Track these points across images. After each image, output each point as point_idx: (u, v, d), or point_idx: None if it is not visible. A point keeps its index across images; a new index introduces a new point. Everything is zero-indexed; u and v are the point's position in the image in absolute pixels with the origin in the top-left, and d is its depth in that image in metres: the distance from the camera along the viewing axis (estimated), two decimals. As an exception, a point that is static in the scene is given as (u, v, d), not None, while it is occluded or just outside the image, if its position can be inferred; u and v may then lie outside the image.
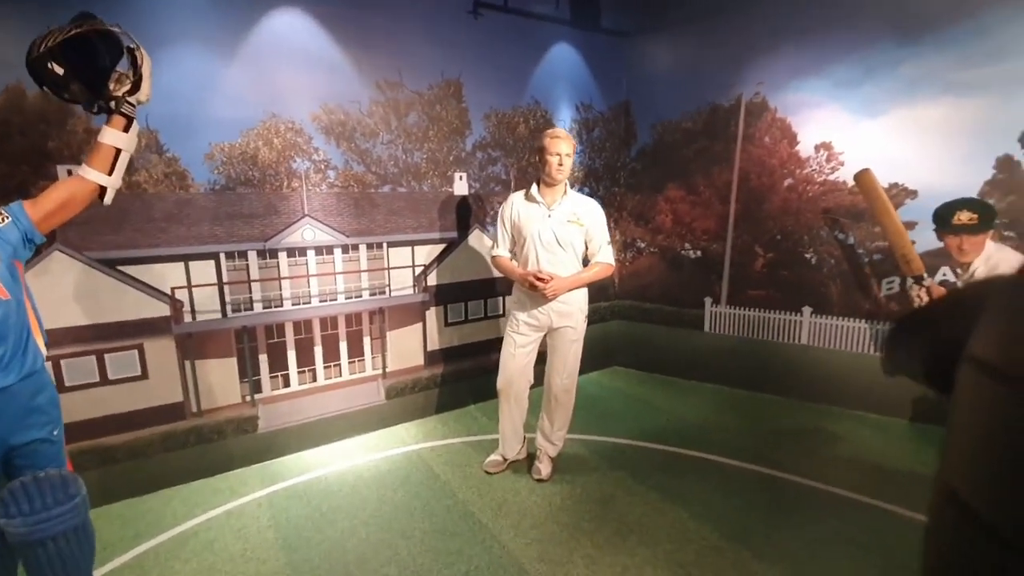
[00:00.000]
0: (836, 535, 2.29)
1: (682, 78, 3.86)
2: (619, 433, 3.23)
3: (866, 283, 3.45)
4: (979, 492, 0.32)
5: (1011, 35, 2.87)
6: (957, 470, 0.36)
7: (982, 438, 0.33)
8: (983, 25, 2.93)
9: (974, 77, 3.00)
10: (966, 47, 2.99)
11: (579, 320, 2.56)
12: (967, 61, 3.00)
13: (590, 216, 2.49)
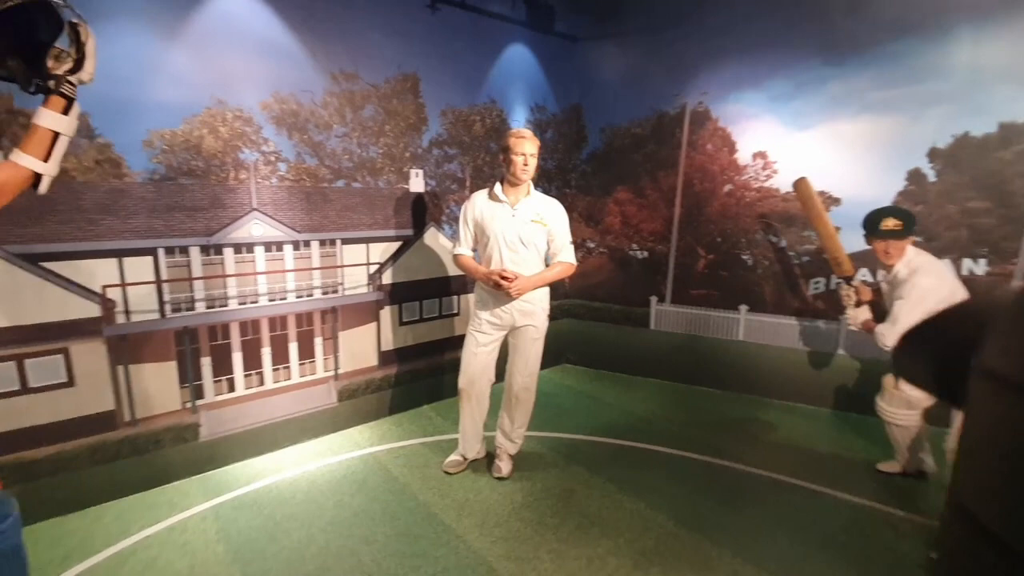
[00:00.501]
0: (775, 516, 2.47)
1: (631, 85, 4.00)
2: (573, 429, 3.31)
3: (796, 283, 3.74)
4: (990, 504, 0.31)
5: (920, 62, 3.21)
6: (968, 483, 0.33)
7: (993, 449, 0.31)
8: (897, 51, 3.25)
9: (889, 97, 3.32)
10: (883, 70, 3.30)
11: (542, 319, 2.60)
12: (884, 83, 3.32)
13: (553, 216, 2.53)
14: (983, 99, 3.11)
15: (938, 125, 3.23)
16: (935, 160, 3.28)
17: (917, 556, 2.20)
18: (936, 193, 3.30)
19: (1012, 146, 3.10)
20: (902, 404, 2.60)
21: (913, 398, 2.57)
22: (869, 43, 3.30)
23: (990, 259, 3.22)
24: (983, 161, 3.17)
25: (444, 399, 3.65)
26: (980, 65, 3.09)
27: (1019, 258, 3.15)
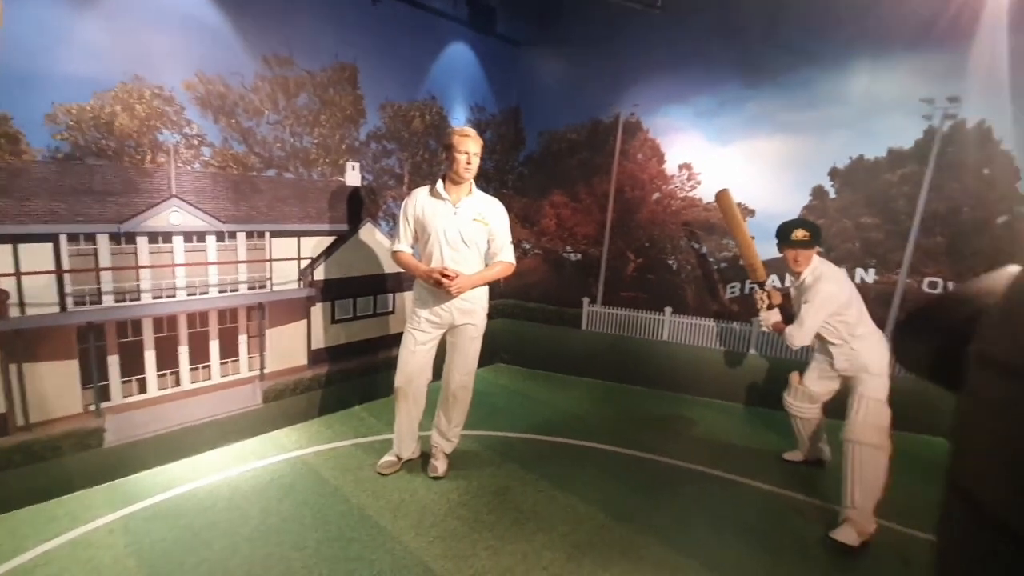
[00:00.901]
0: (696, 505, 2.64)
1: (568, 92, 4.11)
2: (507, 427, 3.35)
3: (715, 287, 4.01)
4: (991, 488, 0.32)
5: (824, 90, 3.56)
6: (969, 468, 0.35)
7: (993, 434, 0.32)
8: (805, 79, 3.58)
9: (799, 120, 3.66)
10: (793, 95, 3.63)
11: (481, 318, 2.62)
12: (794, 106, 3.65)
13: (495, 216, 2.55)
14: (875, 126, 3.50)
15: (838, 147, 3.60)
16: (835, 179, 3.64)
17: (817, 536, 2.43)
18: (835, 208, 3.67)
19: (898, 169, 3.52)
20: (805, 399, 2.87)
21: (814, 393, 2.84)
22: (782, 70, 3.61)
23: (878, 269, 3.63)
24: (874, 181, 3.57)
25: (377, 399, 3.57)
26: (874, 96, 3.47)
27: (902, 268, 3.58)
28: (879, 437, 2.37)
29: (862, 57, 3.44)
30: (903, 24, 3.31)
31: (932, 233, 3.50)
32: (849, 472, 2.38)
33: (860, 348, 2.53)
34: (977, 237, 3.42)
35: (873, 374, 2.48)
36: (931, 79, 3.33)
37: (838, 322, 2.55)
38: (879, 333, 2.57)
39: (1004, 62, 3.17)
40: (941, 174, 3.42)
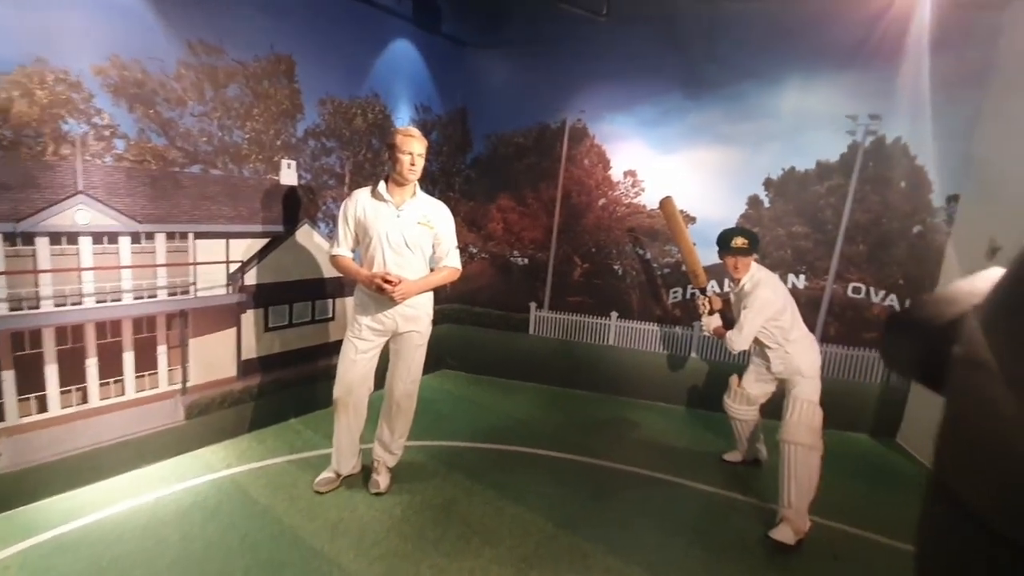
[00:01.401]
0: (641, 508, 2.66)
1: (515, 96, 4.08)
2: (453, 436, 3.27)
3: (658, 292, 4.10)
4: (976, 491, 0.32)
5: (758, 102, 3.71)
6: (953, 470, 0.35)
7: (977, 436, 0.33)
8: (742, 92, 3.73)
9: (735, 131, 3.79)
10: (731, 107, 3.76)
11: (426, 324, 2.52)
12: (732, 118, 3.78)
13: (440, 219, 2.47)
14: (805, 140, 3.69)
15: (772, 159, 3.77)
16: (769, 189, 3.81)
17: (757, 534, 2.50)
18: (769, 217, 3.83)
19: (826, 181, 3.72)
20: (744, 401, 2.96)
21: (752, 396, 2.94)
22: (720, 82, 3.74)
23: (808, 275, 3.83)
24: (804, 192, 3.76)
25: (315, 410, 3.38)
26: (804, 111, 3.66)
27: (829, 275, 3.78)
28: (812, 438, 2.47)
29: (793, 74, 3.62)
30: (831, 45, 3.51)
31: (855, 242, 3.72)
32: (785, 472, 2.47)
33: (794, 352, 2.63)
34: (895, 246, 3.67)
35: (806, 376, 2.59)
36: (855, 97, 3.54)
37: (774, 327, 2.65)
38: (811, 337, 2.69)
39: (923, 83, 3.42)
40: (863, 187, 3.65)
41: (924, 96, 3.43)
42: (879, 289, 3.73)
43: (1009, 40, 3.21)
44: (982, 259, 3.17)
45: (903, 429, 3.76)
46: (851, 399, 3.80)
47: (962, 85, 3.36)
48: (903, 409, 3.76)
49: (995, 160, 3.22)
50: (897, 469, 3.39)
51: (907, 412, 3.74)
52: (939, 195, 3.54)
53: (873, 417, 3.84)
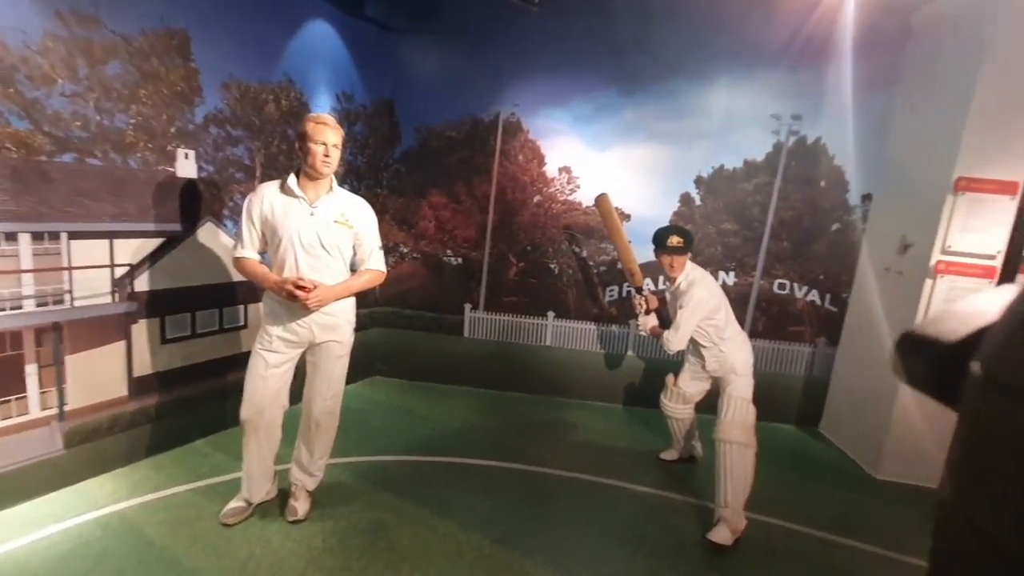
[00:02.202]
0: (580, 515, 2.57)
1: (447, 87, 3.88)
2: (383, 450, 3.05)
3: (594, 291, 4.05)
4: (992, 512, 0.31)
5: (689, 101, 3.73)
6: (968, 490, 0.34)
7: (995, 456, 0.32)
8: (673, 90, 3.73)
9: (667, 129, 3.80)
10: (663, 105, 3.76)
11: (347, 333, 2.29)
12: (664, 116, 3.78)
13: (361, 218, 2.24)
14: (733, 138, 3.75)
15: (702, 157, 3.80)
16: (700, 187, 3.85)
17: (695, 536, 2.48)
18: (700, 215, 3.87)
19: (752, 179, 3.80)
20: (680, 400, 2.95)
21: (688, 394, 2.93)
22: (652, 80, 3.72)
23: (737, 272, 3.90)
24: (732, 190, 3.82)
25: (226, 429, 3.05)
26: (732, 110, 3.71)
27: (757, 271, 3.88)
28: (746, 435, 2.47)
29: (721, 73, 3.66)
30: (757, 46, 3.57)
31: (780, 239, 3.84)
32: (721, 471, 2.46)
33: (728, 350, 2.63)
34: (816, 242, 3.81)
35: (740, 374, 2.60)
36: (780, 97, 3.63)
37: (708, 326, 2.63)
38: (744, 335, 2.70)
39: (841, 86, 3.55)
40: (787, 185, 3.76)
41: (842, 98, 3.57)
42: (802, 284, 3.86)
43: (915, 46, 3.40)
44: (895, 255, 3.34)
45: (825, 418, 3.92)
46: (778, 391, 3.93)
47: (875, 88, 3.52)
48: (824, 399, 3.92)
49: (904, 160, 3.40)
50: (822, 458, 3.52)
51: (828, 402, 3.91)
52: (855, 194, 3.70)
53: (798, 408, 3.99)
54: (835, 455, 3.56)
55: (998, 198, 2.90)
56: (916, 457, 3.19)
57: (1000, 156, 2.87)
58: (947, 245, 2.99)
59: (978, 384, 0.33)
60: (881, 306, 3.44)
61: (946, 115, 3.01)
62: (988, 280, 2.99)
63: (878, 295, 3.49)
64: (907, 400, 3.15)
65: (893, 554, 2.48)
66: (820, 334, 3.89)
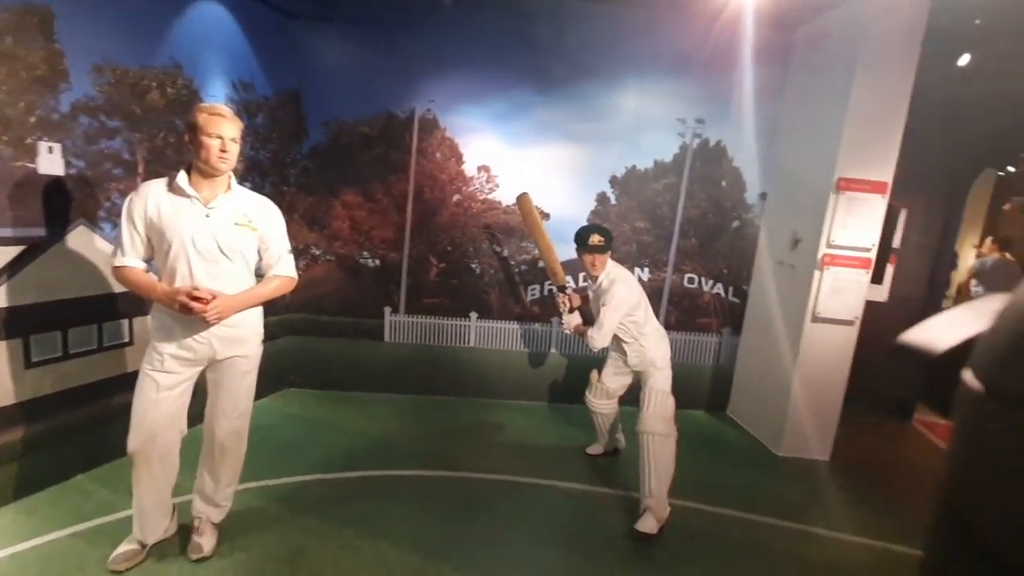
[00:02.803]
0: (512, 519, 2.55)
1: (358, 80, 3.69)
2: (300, 469, 2.84)
3: (516, 290, 4.04)
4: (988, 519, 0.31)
5: (602, 103, 3.83)
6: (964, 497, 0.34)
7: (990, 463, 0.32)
8: (586, 91, 3.81)
9: (582, 130, 3.87)
10: (577, 105, 3.82)
11: (254, 346, 2.08)
12: (578, 116, 3.85)
13: (266, 219, 2.04)
14: (643, 140, 3.90)
15: (616, 157, 3.92)
16: (615, 186, 3.96)
17: (624, 528, 2.54)
18: (615, 214, 3.99)
19: (662, 179, 3.98)
20: (604, 395, 3.01)
21: (611, 389, 3.00)
22: (566, 81, 3.77)
23: (650, 268, 4.07)
24: (644, 190, 3.98)
25: (110, 461, 2.69)
26: (641, 113, 3.86)
27: (668, 267, 4.07)
28: (667, 426, 2.57)
29: (631, 77, 3.79)
30: (663, 51, 3.73)
31: (688, 236, 4.05)
32: (645, 463, 2.54)
33: (648, 345, 2.72)
34: (719, 239, 4.06)
35: (659, 368, 2.70)
36: (684, 101, 3.83)
37: (629, 322, 2.71)
38: (662, 329, 2.81)
39: (737, 91, 3.81)
40: (693, 185, 3.97)
41: (739, 104, 3.83)
42: (708, 279, 4.11)
43: (798, 59, 3.72)
44: (787, 250, 3.64)
45: (731, 403, 4.21)
46: (689, 380, 4.15)
47: (768, 95, 3.81)
48: (730, 385, 4.20)
49: (793, 162, 3.71)
50: (730, 440, 3.77)
51: (733, 388, 4.19)
52: (752, 193, 3.99)
53: (707, 395, 4.24)
54: (742, 437, 3.83)
55: (872, 196, 3.25)
56: (809, 435, 3.51)
57: (873, 159, 3.22)
58: (831, 240, 3.30)
59: (978, 397, 0.32)
60: (777, 297, 3.74)
61: (827, 121, 3.31)
62: (865, 270, 3.34)
63: (774, 287, 3.79)
64: (799, 383, 3.44)
65: (796, 525, 2.70)
66: (725, 325, 4.16)
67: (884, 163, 3.24)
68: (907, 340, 0.43)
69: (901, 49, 3.11)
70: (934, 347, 0.40)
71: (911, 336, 0.43)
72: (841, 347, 3.42)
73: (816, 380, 3.46)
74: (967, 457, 0.34)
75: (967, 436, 0.34)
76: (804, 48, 3.66)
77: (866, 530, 2.70)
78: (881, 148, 3.22)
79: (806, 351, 3.43)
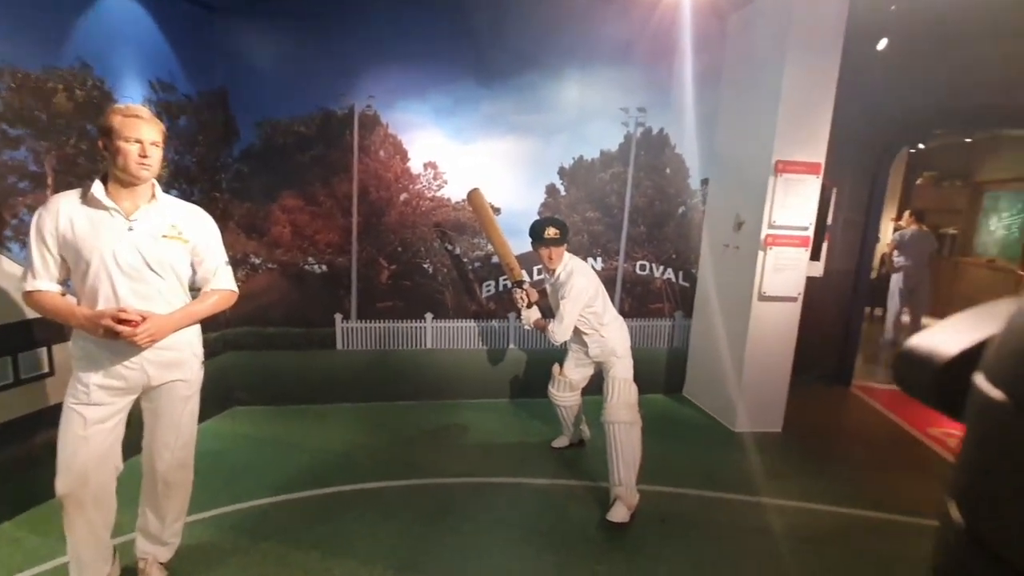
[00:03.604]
0: (484, 522, 2.51)
1: (290, 77, 3.49)
2: (256, 492, 2.67)
3: (471, 287, 3.98)
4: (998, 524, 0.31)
5: (545, 94, 3.80)
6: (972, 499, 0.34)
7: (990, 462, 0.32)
8: (530, 83, 3.77)
9: (528, 121, 3.84)
10: (521, 97, 3.78)
11: (193, 369, 1.92)
12: (523, 108, 3.80)
13: (198, 229, 1.88)
14: (589, 131, 3.91)
15: (563, 149, 3.91)
16: (563, 177, 3.96)
17: (596, 519, 2.55)
18: (565, 205, 3.99)
19: (609, 169, 4.00)
20: (567, 388, 3.01)
21: (574, 381, 2.99)
22: (509, 72, 3.72)
23: (603, 257, 4.10)
24: (592, 180, 3.99)
25: (41, 504, 2.43)
26: (585, 103, 3.86)
27: (620, 255, 4.11)
28: (631, 414, 2.59)
29: (574, 67, 3.78)
30: (603, 40, 3.74)
31: (637, 224, 4.11)
32: (612, 452, 2.55)
33: (608, 335, 2.73)
34: (666, 225, 4.14)
35: (620, 357, 2.71)
36: (627, 91, 3.86)
37: (589, 313, 2.71)
38: (620, 319, 2.83)
39: (678, 80, 3.88)
40: (639, 173, 4.03)
41: (679, 92, 3.90)
42: (659, 265, 4.19)
43: (732, 46, 3.82)
44: (731, 232, 3.75)
45: (687, 384, 4.32)
46: (646, 364, 4.19)
47: (706, 83, 3.90)
48: (685, 367, 4.32)
49: (733, 147, 3.83)
50: (689, 420, 3.87)
51: (688, 369, 4.31)
52: (695, 179, 4.09)
53: (664, 377, 4.34)
54: (699, 416, 3.94)
55: (807, 177, 3.39)
56: (762, 409, 3.65)
57: (807, 141, 3.36)
58: (772, 221, 3.43)
59: (1000, 407, 0.31)
60: (724, 278, 3.86)
61: (763, 106, 3.43)
62: (804, 248, 3.49)
63: (721, 269, 3.91)
64: (749, 360, 3.57)
65: (758, 498, 2.80)
66: (677, 308, 4.26)
67: (817, 145, 3.39)
68: (914, 346, 0.43)
69: (827, 33, 3.25)
70: (942, 352, 0.40)
71: (918, 342, 0.43)
72: (787, 323, 3.57)
73: (765, 356, 3.59)
74: (986, 467, 0.33)
75: (987, 446, 0.33)
76: (737, 35, 3.77)
77: (822, 496, 2.83)
78: (813, 130, 3.36)
79: (754, 329, 3.55)
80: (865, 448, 3.52)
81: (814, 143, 3.38)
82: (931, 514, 2.68)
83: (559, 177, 3.94)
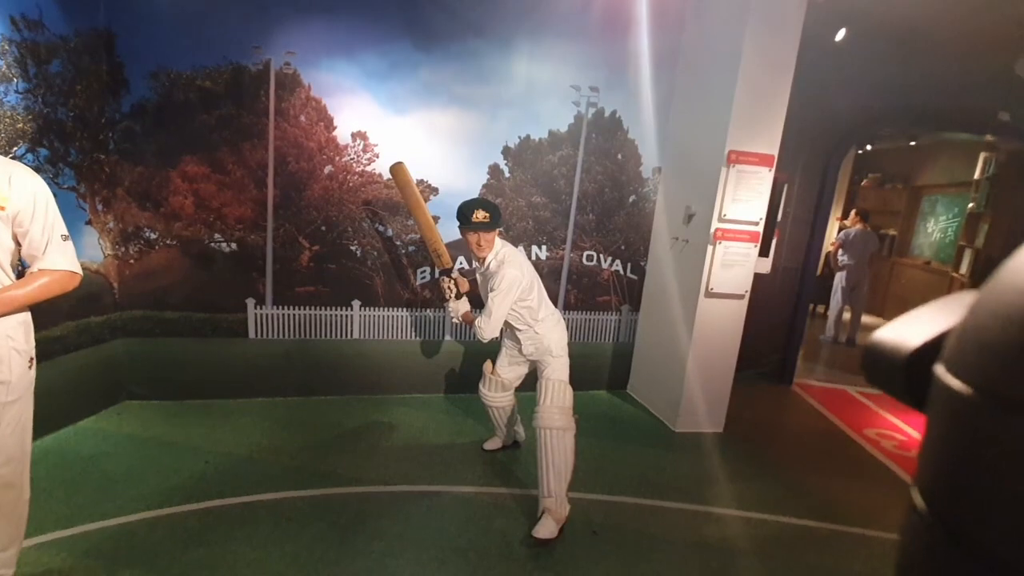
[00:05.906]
0: (400, 538, 2.23)
1: (193, 20, 3.00)
2: (129, 507, 2.29)
3: (404, 274, 3.64)
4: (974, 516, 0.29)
5: (491, 64, 3.47)
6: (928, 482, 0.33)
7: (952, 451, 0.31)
8: (473, 51, 3.42)
9: (472, 93, 3.50)
10: (464, 66, 3.44)
11: (15, 368, 1.53)
12: (466, 79, 3.46)
13: (21, 192, 1.48)
14: (537, 109, 3.61)
15: (509, 126, 3.60)
16: (508, 158, 3.66)
17: (520, 530, 2.31)
18: (510, 188, 3.70)
19: (557, 151, 3.73)
20: (499, 388, 2.75)
21: (507, 381, 2.74)
22: (450, 36, 3.36)
23: (548, 246, 3.85)
24: (539, 162, 3.71)
25: None
26: (534, 78, 3.56)
27: (567, 244, 3.87)
28: (565, 419, 2.36)
29: (521, 36, 3.46)
30: (558, 11, 3.44)
31: (586, 211, 3.87)
32: (542, 460, 2.33)
33: (543, 332, 2.48)
34: (616, 214, 3.92)
35: (556, 355, 2.47)
36: (579, 68, 3.58)
37: (522, 308, 2.45)
38: (558, 315, 2.58)
39: (633, 60, 3.62)
40: (589, 157, 3.78)
41: (635, 73, 3.66)
42: (607, 255, 3.97)
43: (690, 28, 3.60)
44: (682, 225, 3.57)
45: (632, 380, 4.16)
46: (591, 359, 4.04)
47: (663, 65, 3.67)
48: (630, 363, 4.15)
49: (686, 135, 3.63)
50: (630, 419, 3.70)
51: (633, 365, 4.14)
52: (647, 167, 3.88)
53: (608, 373, 4.16)
54: (641, 414, 3.78)
55: (760, 169, 3.23)
56: (703, 409, 3.52)
57: (761, 131, 3.19)
58: (723, 214, 3.26)
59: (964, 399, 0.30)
60: (673, 272, 3.68)
61: (718, 92, 3.23)
62: (754, 244, 3.35)
63: (670, 262, 3.73)
64: (693, 359, 3.42)
65: (694, 506, 2.65)
66: (624, 302, 4.07)
67: (771, 136, 3.23)
68: (879, 339, 0.40)
69: (786, 19, 3.07)
70: (907, 344, 0.37)
71: (883, 334, 0.39)
72: (732, 321, 3.44)
73: (709, 355, 3.45)
74: (955, 461, 0.31)
75: (949, 436, 0.31)
76: (696, 17, 3.55)
77: (759, 504, 2.71)
78: (768, 121, 3.19)
79: (700, 326, 3.40)
80: (804, 450, 3.45)
81: (768, 134, 3.22)
82: (869, 525, 2.60)
83: (503, 157, 3.64)
